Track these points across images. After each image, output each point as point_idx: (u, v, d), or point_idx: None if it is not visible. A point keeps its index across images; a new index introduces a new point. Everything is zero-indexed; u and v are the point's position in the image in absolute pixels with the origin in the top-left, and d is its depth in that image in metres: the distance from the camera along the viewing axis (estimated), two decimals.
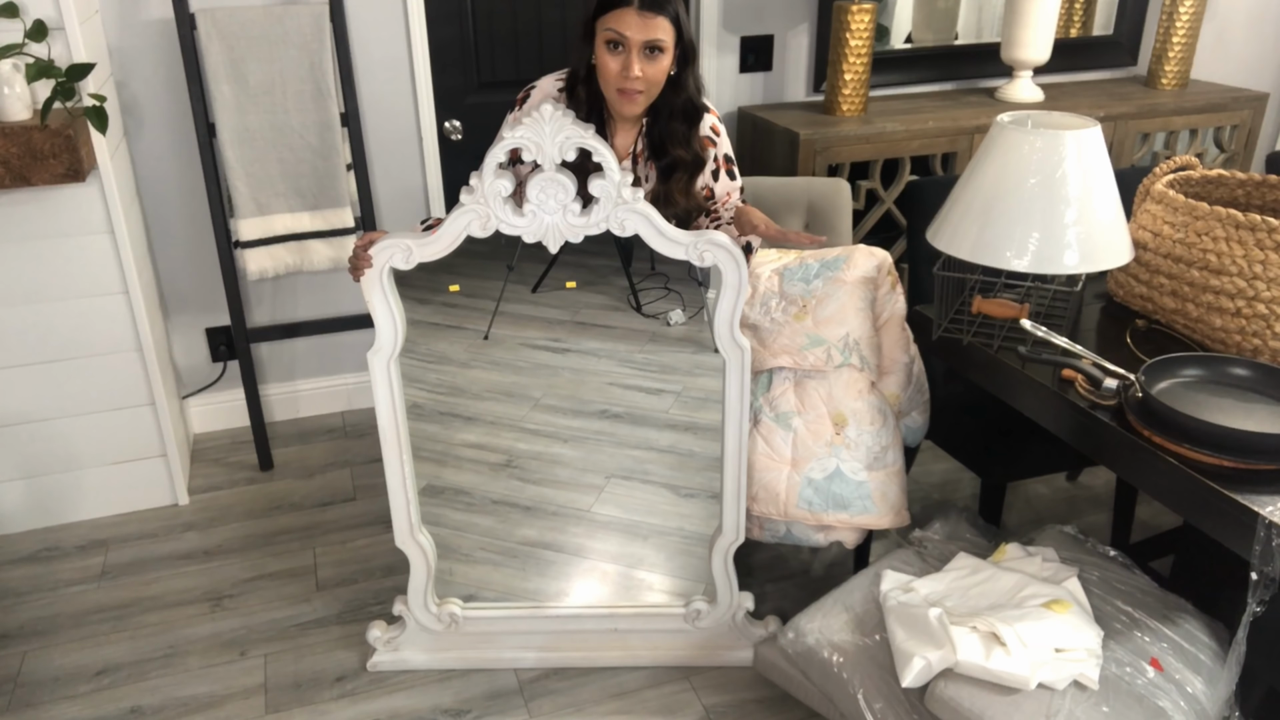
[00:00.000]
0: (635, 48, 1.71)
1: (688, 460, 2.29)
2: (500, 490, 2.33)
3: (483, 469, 2.37)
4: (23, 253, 2.34)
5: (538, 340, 2.45)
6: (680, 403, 2.36)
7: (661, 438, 2.36)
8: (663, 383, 2.39)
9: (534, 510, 2.30)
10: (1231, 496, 1.45)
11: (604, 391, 2.38)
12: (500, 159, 1.67)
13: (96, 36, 2.46)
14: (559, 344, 2.43)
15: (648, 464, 2.34)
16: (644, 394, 2.38)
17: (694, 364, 2.29)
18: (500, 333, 2.39)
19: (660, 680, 2.09)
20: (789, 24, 3.15)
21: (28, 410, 2.48)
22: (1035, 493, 2.73)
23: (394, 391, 1.86)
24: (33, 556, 2.51)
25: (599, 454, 2.34)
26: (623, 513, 2.29)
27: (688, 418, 2.36)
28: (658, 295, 2.32)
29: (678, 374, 2.35)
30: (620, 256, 2.58)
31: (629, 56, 1.72)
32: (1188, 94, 3.36)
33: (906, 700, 1.68)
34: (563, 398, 2.40)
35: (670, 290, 2.31)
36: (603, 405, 2.38)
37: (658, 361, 2.39)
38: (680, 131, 1.85)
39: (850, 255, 2.13)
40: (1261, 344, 1.74)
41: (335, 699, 2.06)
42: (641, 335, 2.37)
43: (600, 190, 1.68)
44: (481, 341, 2.41)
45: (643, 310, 2.32)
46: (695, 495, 2.25)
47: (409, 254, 1.74)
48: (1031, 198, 1.76)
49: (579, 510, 2.29)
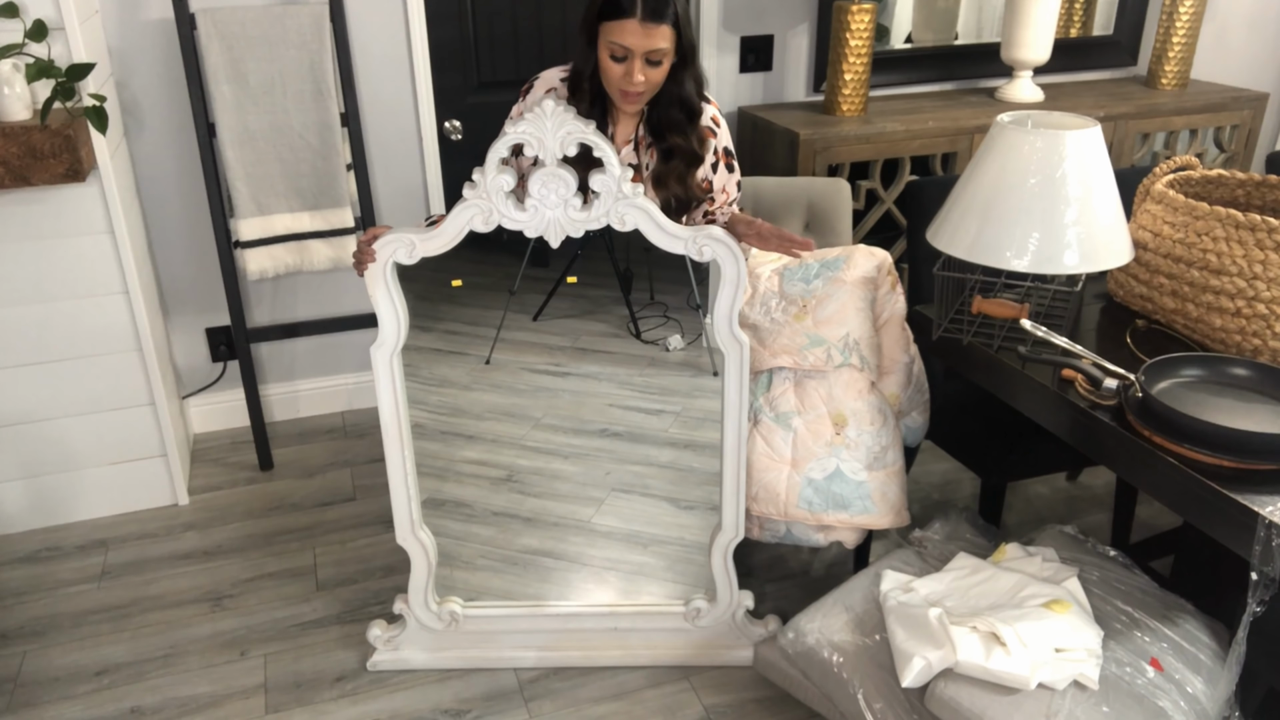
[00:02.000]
0: (638, 57, 1.74)
1: (688, 475, 2.30)
2: (501, 503, 2.34)
3: (483, 483, 2.38)
4: (23, 253, 2.34)
5: (538, 365, 2.47)
6: (680, 422, 2.38)
7: (661, 454, 2.38)
8: (662, 404, 2.41)
9: (534, 521, 2.31)
10: (1231, 496, 1.45)
11: (604, 412, 2.41)
12: (503, 154, 1.68)
13: (96, 36, 2.46)
14: (559, 368, 2.45)
15: (648, 479, 2.35)
16: (643, 414, 2.40)
17: (693, 387, 2.32)
18: (501, 358, 2.41)
19: (660, 680, 2.09)
20: (789, 24, 3.15)
21: (28, 410, 2.48)
22: (1035, 493, 2.73)
23: (396, 386, 1.87)
24: (33, 556, 2.51)
25: (599, 469, 2.35)
26: (623, 523, 2.29)
27: (687, 436, 2.37)
28: (657, 323, 2.35)
29: (677, 396, 2.37)
30: (620, 285, 2.62)
31: (632, 65, 1.75)
32: (1188, 94, 3.36)
33: (906, 700, 1.68)
34: (563, 417, 2.42)
35: (669, 318, 2.35)
36: (603, 424, 2.40)
37: (657, 384, 2.41)
38: (678, 120, 1.87)
39: (850, 255, 2.13)
40: (1261, 344, 1.74)
41: (335, 699, 2.06)
42: (641, 360, 2.40)
43: (601, 185, 1.70)
44: (483, 366, 2.43)
45: (642, 337, 2.36)
46: (695, 508, 2.26)
47: (412, 248, 1.75)
48: (1031, 198, 1.76)
49: (579, 521, 2.30)
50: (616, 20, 1.72)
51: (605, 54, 1.77)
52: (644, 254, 2.89)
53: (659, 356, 2.42)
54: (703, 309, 2.39)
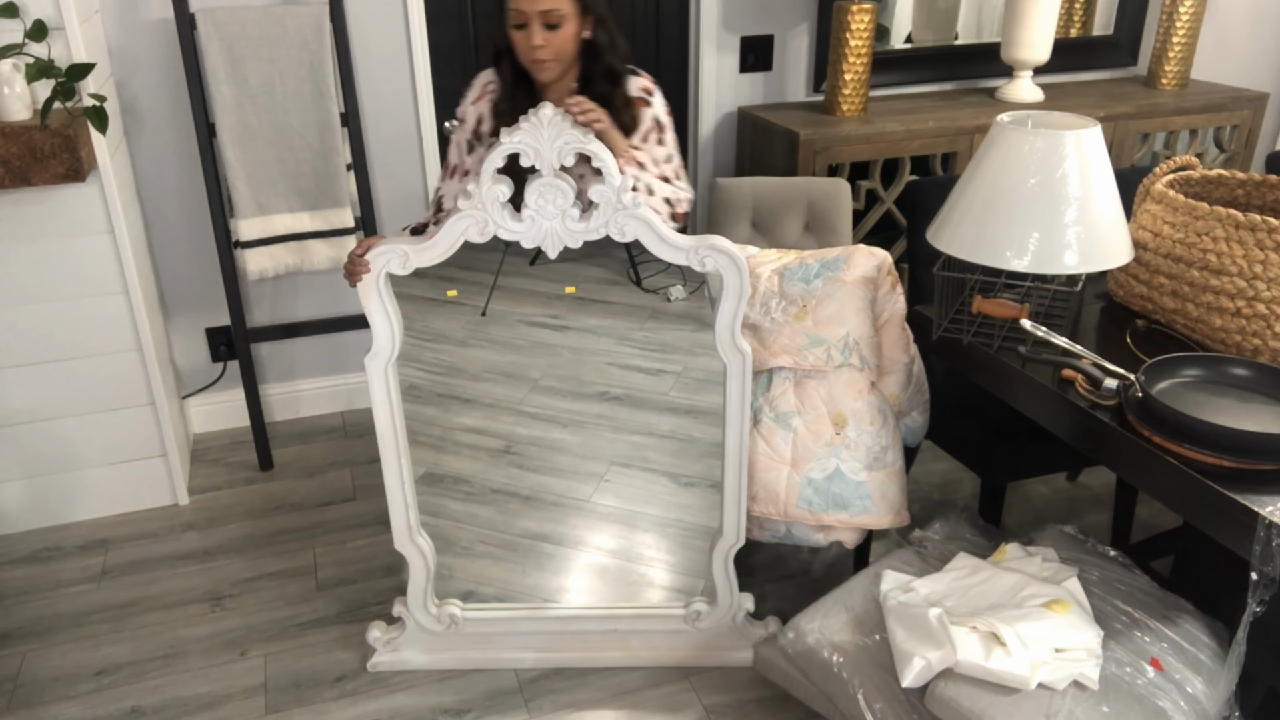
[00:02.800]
0: (534, 20, 1.78)
1: (688, 446, 2.27)
2: (500, 479, 2.32)
3: (481, 455, 2.35)
4: (23, 253, 2.34)
5: (536, 317, 2.41)
6: (680, 384, 2.34)
7: (661, 422, 2.34)
8: (663, 362, 2.36)
9: (533, 500, 2.29)
10: (1231, 496, 1.45)
11: (603, 372, 2.36)
12: (498, 164, 1.68)
13: (96, 36, 2.46)
14: (557, 320, 2.40)
15: (647, 450, 2.32)
16: (644, 375, 2.35)
17: (694, 342, 2.28)
18: (498, 308, 2.36)
19: (660, 680, 2.09)
20: (789, 24, 3.15)
21: (28, 410, 2.48)
22: (1035, 493, 2.73)
23: (391, 396, 1.86)
24: (33, 556, 2.51)
25: (598, 440, 2.32)
26: (622, 503, 2.28)
27: (688, 400, 2.33)
28: (658, 269, 2.29)
29: (678, 353, 2.33)
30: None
31: (530, 29, 1.79)
32: (1188, 94, 3.36)
33: (906, 700, 1.68)
34: (561, 378, 2.38)
35: (671, 265, 2.27)
36: (602, 387, 2.36)
37: (657, 339, 2.36)
38: (604, 92, 1.88)
39: (850, 255, 2.13)
40: (1261, 344, 1.74)
41: (335, 699, 2.06)
42: (641, 311, 2.34)
43: (600, 195, 1.69)
44: (479, 318, 2.38)
45: (643, 285, 2.30)
46: (695, 484, 2.24)
47: (406, 259, 1.75)
48: (1031, 198, 1.76)
49: (578, 500, 2.29)
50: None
51: (511, 26, 1.82)
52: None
53: (660, 307, 2.37)
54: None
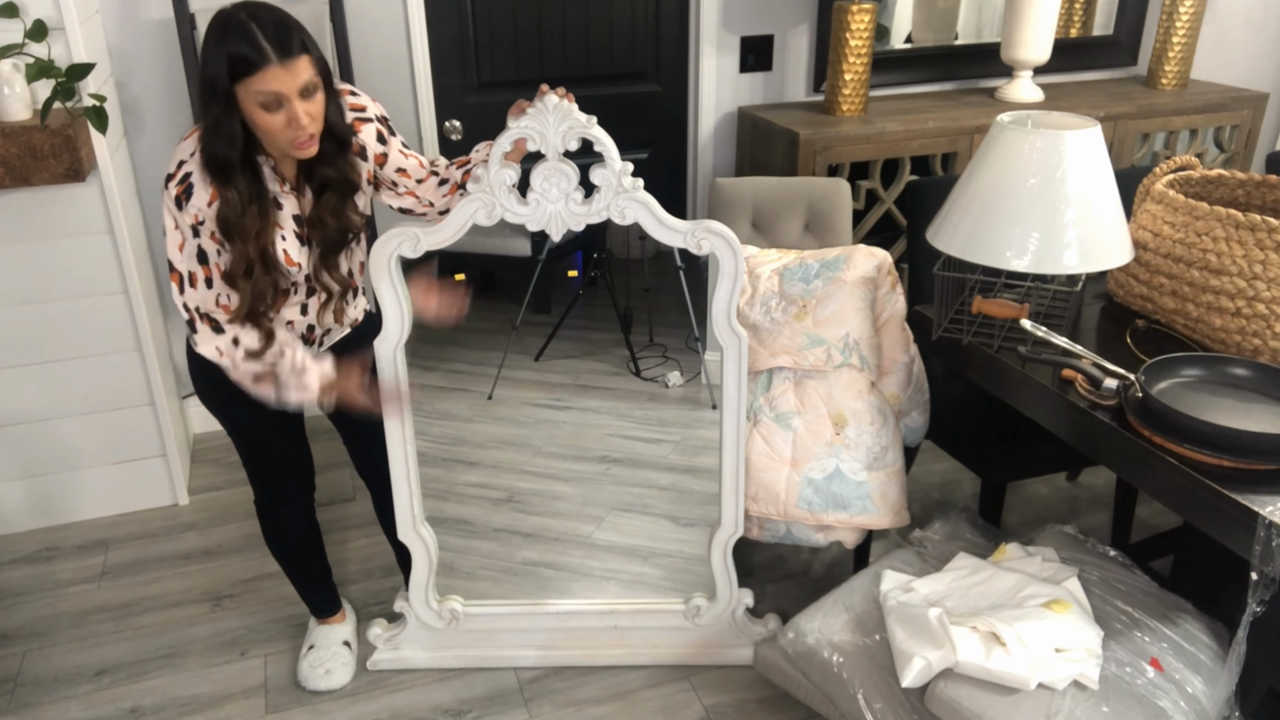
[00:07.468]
0: (293, 97, 1.59)
1: (688, 496, 2.30)
2: (502, 520, 2.35)
3: (485, 503, 2.39)
4: (23, 253, 2.34)
5: (540, 400, 2.53)
6: (679, 450, 2.41)
7: (661, 478, 2.40)
8: (662, 434, 2.45)
9: (535, 537, 2.31)
10: (1231, 496, 1.45)
11: (604, 441, 2.44)
12: (506, 148, 1.70)
13: (96, 36, 2.46)
14: (560, 403, 2.50)
15: (648, 499, 2.35)
16: (643, 443, 2.44)
17: (692, 418, 2.36)
18: (504, 394, 2.45)
19: (660, 680, 2.09)
20: (789, 24, 3.15)
21: (28, 410, 2.48)
22: (1035, 493, 2.73)
23: (400, 379, 1.87)
24: (33, 556, 2.51)
25: (600, 491, 2.36)
26: (623, 538, 2.30)
27: (686, 462, 2.39)
28: (656, 362, 2.38)
29: (676, 426, 2.40)
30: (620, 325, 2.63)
31: (292, 107, 1.60)
32: (1188, 94, 3.36)
33: (906, 700, 1.68)
34: (564, 446, 2.46)
35: (668, 358, 2.39)
36: (603, 451, 2.43)
37: (657, 417, 2.46)
38: (328, 150, 1.72)
39: (850, 255, 2.13)
40: (1261, 344, 1.74)
41: (335, 699, 2.05)
42: (641, 395, 2.44)
43: (601, 179, 1.71)
44: (486, 401, 2.47)
45: (642, 375, 2.39)
46: (695, 524, 2.26)
47: (417, 241, 1.77)
48: (1031, 198, 1.76)
49: (580, 536, 2.30)
50: (253, 74, 1.56)
51: (258, 112, 1.60)
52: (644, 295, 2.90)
53: (658, 393, 2.47)
54: (702, 344, 2.39)
